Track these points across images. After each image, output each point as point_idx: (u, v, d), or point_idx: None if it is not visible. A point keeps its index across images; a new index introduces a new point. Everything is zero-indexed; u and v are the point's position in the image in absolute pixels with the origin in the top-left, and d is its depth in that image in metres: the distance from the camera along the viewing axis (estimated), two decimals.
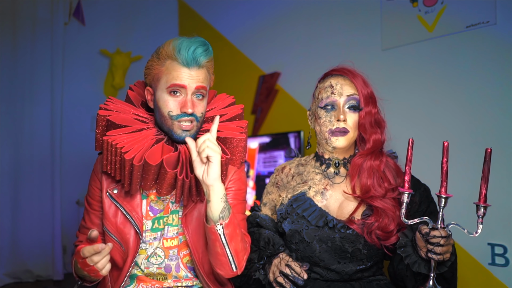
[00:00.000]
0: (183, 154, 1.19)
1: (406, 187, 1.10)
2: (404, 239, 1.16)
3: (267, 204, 1.43)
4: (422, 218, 1.10)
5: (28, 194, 2.99)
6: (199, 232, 1.24)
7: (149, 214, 1.24)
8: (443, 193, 1.05)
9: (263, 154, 2.72)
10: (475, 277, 1.87)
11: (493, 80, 1.87)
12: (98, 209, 1.28)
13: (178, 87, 1.16)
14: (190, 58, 1.16)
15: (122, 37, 3.50)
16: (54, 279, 2.99)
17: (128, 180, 1.16)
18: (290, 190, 1.36)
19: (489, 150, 1.01)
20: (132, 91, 1.34)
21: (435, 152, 1.60)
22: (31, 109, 3.03)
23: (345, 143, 1.28)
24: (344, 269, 1.25)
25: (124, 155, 1.12)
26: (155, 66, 1.20)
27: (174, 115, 1.17)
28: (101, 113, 1.22)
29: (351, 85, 1.30)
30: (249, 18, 3.14)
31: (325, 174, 1.35)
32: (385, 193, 1.24)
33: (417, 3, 2.14)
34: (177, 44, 1.17)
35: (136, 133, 1.19)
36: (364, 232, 1.22)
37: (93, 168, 1.31)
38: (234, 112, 1.33)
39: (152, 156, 1.14)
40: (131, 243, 1.22)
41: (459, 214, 1.57)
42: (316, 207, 1.28)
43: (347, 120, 1.28)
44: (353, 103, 1.28)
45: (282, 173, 1.43)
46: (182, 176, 1.15)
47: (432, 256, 1.06)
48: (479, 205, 1.03)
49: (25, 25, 3.04)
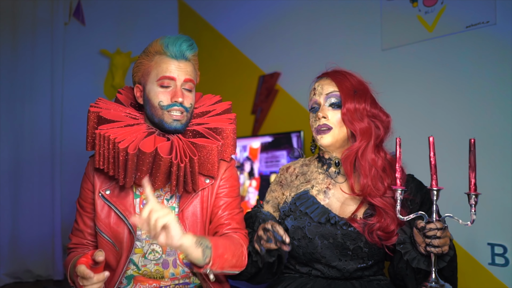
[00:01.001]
0: (175, 142, 1.22)
1: (398, 184, 1.12)
2: (403, 236, 1.17)
3: (270, 201, 1.44)
4: (417, 213, 1.12)
5: (28, 193, 2.98)
6: (196, 227, 1.26)
7: None
8: (434, 186, 1.09)
9: (265, 154, 2.72)
10: (475, 277, 1.87)
11: (493, 80, 1.88)
12: (91, 211, 1.29)
13: (167, 79, 1.22)
14: (178, 52, 1.24)
15: (122, 37, 3.50)
16: (54, 279, 2.98)
17: (122, 172, 1.17)
18: (294, 189, 1.38)
19: (473, 141, 1.07)
20: (121, 94, 1.40)
21: (435, 151, 1.60)
22: (31, 109, 3.02)
23: (330, 140, 1.29)
24: (345, 266, 1.26)
25: (118, 144, 1.14)
26: (144, 62, 1.27)
27: (165, 105, 1.22)
28: (92, 110, 1.26)
29: (331, 83, 1.31)
30: (249, 18, 3.14)
31: (327, 173, 1.36)
32: (385, 191, 1.24)
33: (417, 3, 2.14)
34: (164, 41, 1.26)
35: (128, 127, 1.23)
36: (365, 231, 1.22)
37: (85, 171, 1.34)
38: (222, 107, 1.39)
39: (145, 145, 1.16)
40: (125, 243, 1.23)
41: (459, 212, 1.57)
42: (318, 205, 1.29)
43: (327, 116, 1.29)
44: (333, 100, 1.29)
45: (286, 173, 1.44)
46: (177, 161, 1.17)
47: (431, 250, 1.07)
48: (470, 194, 1.06)
49: (25, 25, 3.04)
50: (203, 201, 1.28)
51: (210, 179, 1.30)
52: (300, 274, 1.34)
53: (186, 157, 1.19)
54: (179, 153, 1.19)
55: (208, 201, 1.29)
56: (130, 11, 3.56)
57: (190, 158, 1.20)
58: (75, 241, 1.33)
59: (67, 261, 1.29)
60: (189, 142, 1.24)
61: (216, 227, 1.30)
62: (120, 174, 1.18)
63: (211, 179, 1.30)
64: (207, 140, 1.24)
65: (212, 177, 1.30)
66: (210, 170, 1.27)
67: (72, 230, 1.35)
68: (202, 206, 1.28)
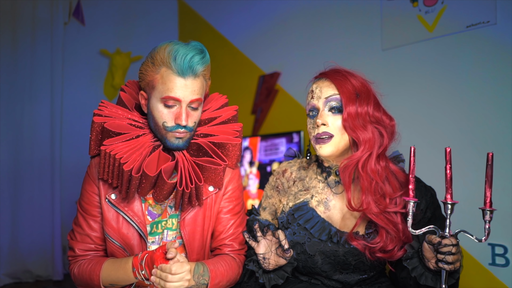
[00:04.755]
0: (181, 163, 1.18)
1: (411, 195, 1.03)
2: (411, 251, 1.10)
3: (267, 208, 1.35)
4: (429, 227, 1.03)
5: (28, 194, 2.98)
6: (195, 235, 1.25)
7: (148, 219, 1.24)
8: (449, 200, 1.01)
9: (264, 142, 2.72)
10: (476, 277, 1.87)
11: (493, 80, 1.87)
12: (97, 215, 1.24)
13: (172, 99, 1.13)
14: (186, 67, 1.11)
15: (122, 37, 3.50)
16: (54, 279, 2.98)
17: (125, 188, 1.16)
18: (292, 197, 1.28)
19: (491, 155, 0.98)
20: (124, 93, 1.30)
21: (434, 153, 1.60)
22: (31, 109, 3.02)
23: (331, 150, 1.17)
24: (347, 279, 1.21)
25: (123, 166, 1.11)
26: (149, 72, 1.16)
27: (169, 127, 1.15)
28: (97, 120, 1.19)
29: (330, 85, 1.19)
30: (249, 18, 3.14)
31: (326, 182, 1.25)
32: (386, 206, 1.14)
33: (417, 3, 2.14)
34: (173, 51, 1.11)
35: (133, 141, 1.18)
36: (366, 252, 1.15)
37: (88, 172, 1.26)
38: (228, 114, 1.32)
39: (150, 166, 1.14)
40: (136, 248, 1.22)
41: (459, 219, 1.57)
42: (319, 218, 1.21)
43: (327, 123, 1.16)
44: (333, 104, 1.17)
45: (283, 177, 1.34)
46: (182, 187, 1.15)
47: (443, 266, 1.00)
48: (485, 209, 0.98)
49: (25, 25, 3.04)
50: (206, 209, 1.25)
51: (214, 188, 1.26)
52: (300, 280, 1.29)
53: (192, 183, 1.16)
54: (184, 177, 1.16)
55: (211, 209, 1.26)
56: (130, 11, 3.56)
57: (196, 184, 1.17)
58: (82, 248, 1.24)
59: (87, 270, 1.20)
60: (194, 164, 1.21)
61: (219, 245, 1.30)
62: (123, 190, 1.16)
63: (215, 188, 1.27)
64: (211, 160, 1.21)
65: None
66: (216, 183, 1.25)
67: (75, 235, 1.25)
68: (205, 215, 1.25)
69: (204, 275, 1.16)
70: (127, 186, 1.16)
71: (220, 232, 1.29)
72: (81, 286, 1.24)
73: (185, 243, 1.23)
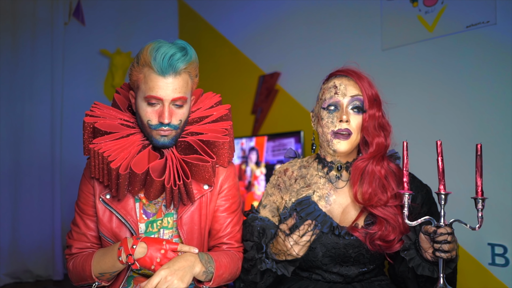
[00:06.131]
0: (169, 161, 1.20)
1: (406, 188, 1.09)
2: (408, 242, 1.15)
3: (267, 206, 1.37)
4: (425, 218, 1.08)
5: (28, 194, 2.99)
6: (193, 233, 1.26)
7: (143, 217, 1.26)
8: (442, 190, 1.07)
9: (271, 142, 2.70)
10: (475, 277, 1.87)
11: (493, 80, 1.88)
12: (93, 214, 1.28)
13: (154, 99, 1.15)
14: (166, 66, 1.12)
15: (122, 37, 3.50)
16: (54, 279, 2.99)
17: (115, 186, 1.18)
18: (294, 193, 1.32)
19: (479, 146, 1.05)
20: (118, 94, 1.34)
21: (434, 152, 1.60)
22: (31, 109, 3.02)
23: (347, 147, 1.24)
24: (347, 272, 1.25)
25: (110, 164, 1.13)
26: (134, 72, 1.19)
27: (153, 125, 1.18)
28: (87, 120, 1.22)
29: (355, 86, 1.26)
30: (249, 18, 3.14)
31: (327, 177, 1.31)
32: (387, 201, 1.21)
33: (417, 3, 2.14)
34: (153, 51, 1.13)
35: (123, 140, 1.20)
36: (366, 240, 1.20)
37: (84, 173, 1.31)
38: (220, 112, 1.33)
39: (138, 164, 1.15)
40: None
41: (461, 215, 1.57)
42: (320, 212, 1.25)
43: (350, 121, 1.23)
44: (357, 104, 1.24)
45: (284, 176, 1.38)
46: (170, 185, 1.16)
47: (441, 255, 1.04)
48: (477, 198, 1.04)
49: (25, 25, 3.04)
50: (202, 208, 1.27)
51: (208, 186, 1.28)
52: (301, 277, 1.32)
53: (180, 180, 1.18)
54: (172, 174, 1.18)
55: (207, 207, 1.28)
56: (130, 11, 3.56)
57: (184, 181, 1.19)
58: (79, 246, 1.28)
59: (80, 262, 1.23)
60: (182, 161, 1.22)
61: (218, 244, 1.31)
62: (112, 188, 1.18)
63: (209, 186, 1.28)
64: (199, 157, 1.22)
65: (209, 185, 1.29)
66: (207, 180, 1.26)
67: (73, 234, 1.30)
68: (201, 213, 1.27)
69: (209, 261, 1.19)
70: (116, 185, 1.17)
71: (218, 231, 1.31)
72: (76, 282, 1.27)
73: (183, 241, 1.25)
